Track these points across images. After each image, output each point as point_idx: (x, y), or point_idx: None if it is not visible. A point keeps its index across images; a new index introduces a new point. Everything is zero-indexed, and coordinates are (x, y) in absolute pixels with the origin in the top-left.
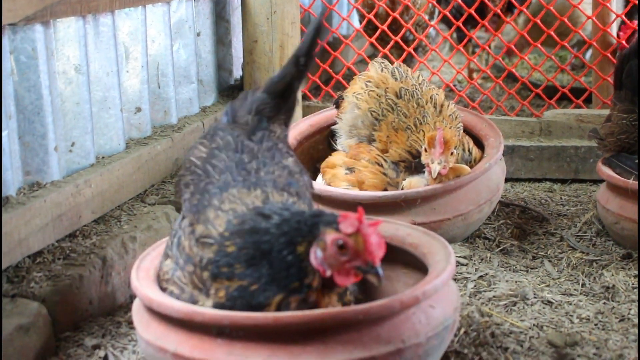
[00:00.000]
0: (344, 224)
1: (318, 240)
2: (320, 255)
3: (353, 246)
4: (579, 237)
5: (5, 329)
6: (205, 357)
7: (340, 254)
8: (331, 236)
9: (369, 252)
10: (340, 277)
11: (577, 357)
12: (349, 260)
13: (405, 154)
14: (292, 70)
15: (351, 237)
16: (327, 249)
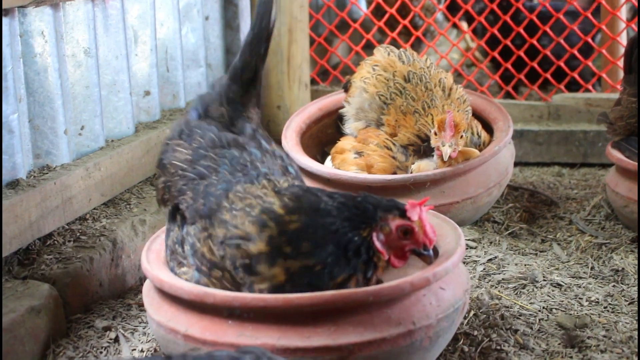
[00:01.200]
0: (411, 212)
1: (381, 225)
2: (382, 238)
3: (417, 232)
4: (588, 220)
5: (16, 311)
6: (216, 338)
7: (403, 239)
8: (396, 222)
9: (427, 236)
10: (396, 260)
11: (587, 339)
12: (409, 244)
13: (414, 137)
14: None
15: (415, 224)
16: (391, 234)
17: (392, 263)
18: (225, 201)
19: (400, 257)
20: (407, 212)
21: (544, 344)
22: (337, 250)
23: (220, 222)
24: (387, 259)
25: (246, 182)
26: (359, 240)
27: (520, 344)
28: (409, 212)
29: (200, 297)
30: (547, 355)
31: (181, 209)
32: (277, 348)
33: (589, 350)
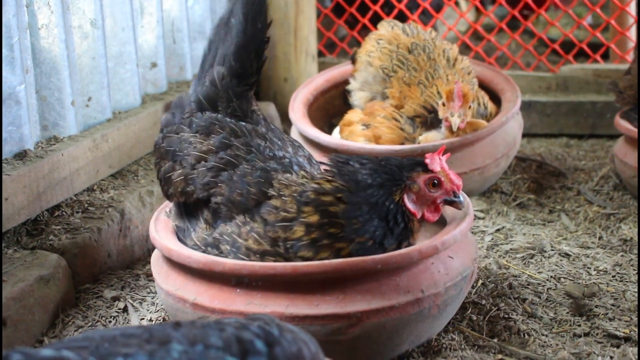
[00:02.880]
0: (432, 164)
1: (409, 184)
2: (412, 198)
3: (444, 181)
4: (596, 191)
5: (25, 280)
6: (224, 306)
7: (433, 191)
8: (422, 177)
9: (453, 183)
10: (430, 214)
11: (595, 307)
12: (440, 195)
13: (420, 109)
14: (258, 41)
15: (440, 174)
16: (420, 190)
17: (427, 219)
18: (271, 189)
19: (434, 210)
20: (428, 165)
21: (552, 313)
22: (381, 222)
23: (268, 210)
24: (422, 217)
25: (285, 172)
26: (394, 207)
27: (529, 313)
28: (431, 164)
29: (209, 265)
30: (555, 324)
31: (211, 203)
32: (286, 316)
33: (597, 319)
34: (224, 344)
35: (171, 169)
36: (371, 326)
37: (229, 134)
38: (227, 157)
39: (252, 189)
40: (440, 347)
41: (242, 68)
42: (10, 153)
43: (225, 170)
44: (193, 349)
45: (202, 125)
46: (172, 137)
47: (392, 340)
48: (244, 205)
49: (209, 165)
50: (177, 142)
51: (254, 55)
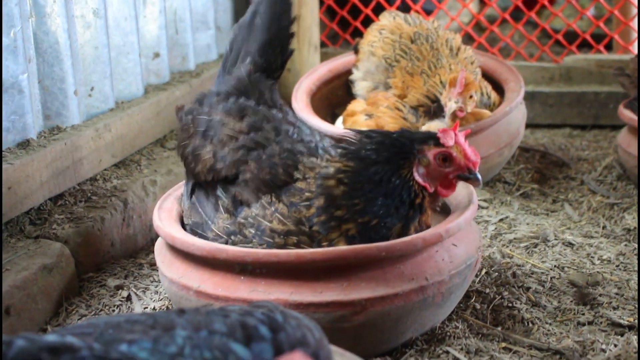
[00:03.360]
0: (444, 138)
1: (419, 158)
2: (422, 172)
3: (456, 156)
4: (599, 181)
5: (29, 269)
6: (228, 294)
7: (444, 166)
8: (433, 151)
9: (468, 159)
10: (443, 190)
11: (599, 296)
12: (452, 171)
13: (423, 98)
14: (283, 37)
15: (452, 149)
16: (430, 164)
17: (440, 193)
18: (297, 172)
19: (447, 186)
20: (440, 139)
21: (555, 302)
22: (386, 200)
23: (293, 192)
24: (434, 191)
25: (310, 155)
26: (400, 182)
27: (532, 302)
28: (442, 138)
29: (213, 253)
30: (559, 312)
31: (239, 180)
32: (290, 303)
33: (601, 307)
34: (228, 330)
35: (201, 147)
36: (375, 314)
37: (260, 118)
38: (258, 138)
39: (280, 169)
40: (444, 335)
41: (267, 63)
42: (13, 142)
43: (254, 150)
44: (197, 334)
45: (235, 109)
46: (202, 118)
47: (396, 327)
48: (271, 184)
49: (240, 144)
50: (208, 122)
51: (279, 50)
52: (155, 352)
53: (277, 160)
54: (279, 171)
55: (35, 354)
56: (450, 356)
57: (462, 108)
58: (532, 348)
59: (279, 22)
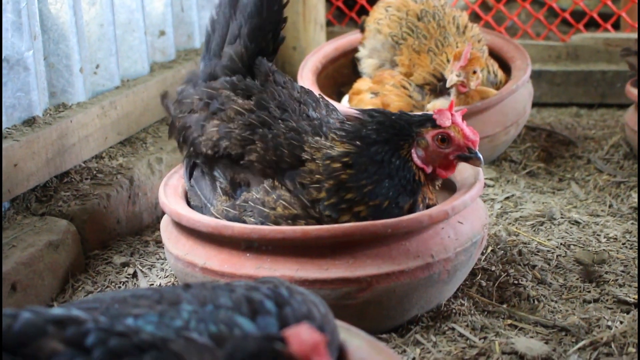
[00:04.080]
0: (441, 119)
1: (417, 140)
2: (421, 154)
3: (454, 136)
4: (606, 159)
5: (35, 245)
6: (234, 271)
7: (443, 147)
8: (431, 133)
9: (467, 138)
10: (442, 170)
11: (605, 274)
12: (451, 151)
13: (429, 77)
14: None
15: (450, 129)
16: (429, 146)
17: (439, 174)
18: (304, 153)
19: (447, 166)
20: (437, 120)
21: (561, 279)
22: (391, 181)
23: (302, 174)
24: (432, 172)
25: (315, 134)
26: (400, 162)
27: (538, 279)
28: (439, 119)
29: (219, 229)
30: (565, 290)
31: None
32: (296, 280)
33: (607, 285)
34: (233, 304)
35: (206, 119)
36: (381, 291)
37: (268, 97)
38: (264, 116)
39: (285, 150)
40: (449, 312)
41: (259, 48)
42: (18, 119)
43: (260, 129)
44: (203, 309)
45: (241, 88)
46: (210, 92)
47: (402, 305)
48: (276, 166)
49: (247, 121)
50: (214, 96)
51: (271, 36)
52: (161, 326)
53: (282, 140)
54: (285, 152)
55: (41, 326)
56: (455, 333)
57: (464, 83)
58: (538, 325)
59: (270, 6)
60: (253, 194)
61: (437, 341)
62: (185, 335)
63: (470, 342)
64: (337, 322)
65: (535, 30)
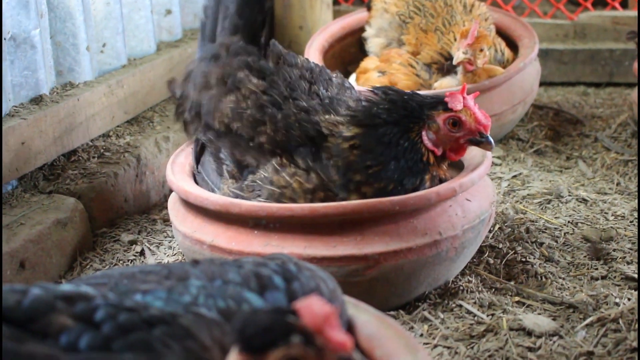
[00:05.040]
0: (452, 102)
1: (428, 123)
2: (432, 137)
3: (465, 120)
4: (613, 138)
5: (43, 223)
6: (242, 248)
7: (454, 131)
8: (442, 116)
9: (479, 122)
10: (453, 154)
11: (613, 251)
12: (462, 135)
13: (436, 55)
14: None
15: (461, 113)
16: (440, 129)
17: (449, 157)
18: (324, 128)
19: (457, 150)
20: (448, 103)
21: (569, 257)
22: (397, 163)
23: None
24: (442, 154)
25: (325, 112)
26: (408, 144)
27: (546, 257)
28: (451, 102)
29: (227, 207)
30: (572, 267)
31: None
32: (304, 257)
33: (615, 262)
34: (242, 280)
35: (221, 94)
36: (389, 268)
37: (279, 79)
38: (275, 97)
39: (296, 131)
40: (457, 289)
41: (248, 23)
42: (26, 98)
43: (270, 109)
44: (211, 284)
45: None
46: (227, 70)
47: (410, 282)
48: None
49: (259, 102)
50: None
51: (258, 8)
52: (169, 301)
53: (292, 121)
54: (294, 133)
55: (50, 302)
56: (463, 310)
57: (470, 60)
58: (546, 302)
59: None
60: (261, 173)
61: (445, 318)
62: (194, 310)
63: (477, 318)
64: (345, 297)
65: (542, 8)
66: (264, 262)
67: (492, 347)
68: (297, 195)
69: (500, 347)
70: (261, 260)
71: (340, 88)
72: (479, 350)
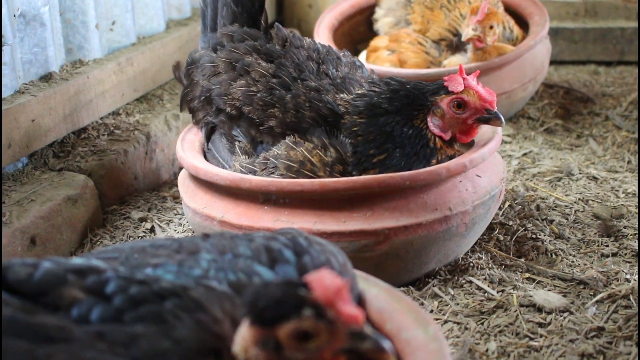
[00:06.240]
0: (452, 85)
1: (433, 109)
2: (438, 122)
3: (469, 100)
4: (624, 116)
5: (53, 200)
6: (252, 223)
7: (460, 113)
8: (445, 100)
9: (484, 100)
10: (463, 136)
11: (623, 228)
12: (469, 115)
13: (445, 32)
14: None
15: (464, 94)
16: (445, 114)
17: (460, 140)
18: (340, 106)
19: (466, 131)
20: (449, 87)
21: (579, 234)
22: (402, 151)
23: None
24: (452, 138)
25: (338, 92)
26: (413, 131)
27: (556, 234)
28: (451, 85)
29: (236, 182)
30: (583, 244)
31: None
32: (314, 232)
33: (626, 239)
34: (252, 253)
35: (231, 79)
36: (399, 243)
37: (287, 61)
38: (285, 78)
39: (307, 111)
40: (467, 266)
41: (245, 9)
42: (35, 75)
43: (278, 91)
44: (222, 258)
45: (263, 52)
46: (236, 54)
47: (420, 258)
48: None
49: (268, 85)
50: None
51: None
52: (180, 275)
53: (302, 101)
54: (305, 113)
55: (61, 275)
56: (473, 286)
57: (480, 38)
58: (556, 278)
59: None
60: (274, 150)
61: (455, 294)
62: (205, 283)
63: (488, 294)
64: (356, 272)
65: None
66: (274, 236)
67: (502, 323)
68: (318, 168)
69: (510, 322)
70: (271, 235)
71: (351, 67)
72: (489, 326)
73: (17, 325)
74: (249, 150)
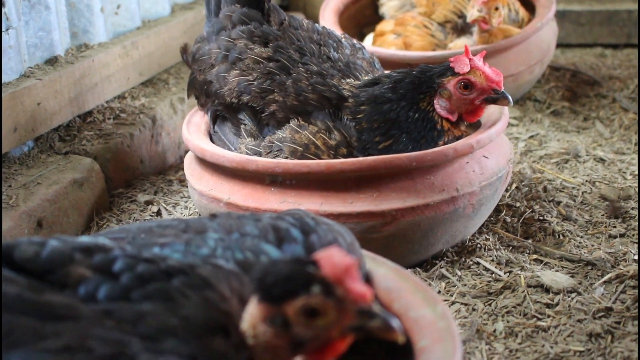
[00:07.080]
0: (458, 66)
1: (440, 91)
2: (445, 104)
3: (476, 81)
4: (631, 98)
5: (59, 183)
6: (258, 205)
7: (467, 93)
8: (452, 82)
9: (490, 80)
10: (469, 116)
11: (631, 210)
12: (476, 96)
13: (450, 14)
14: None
15: (470, 74)
16: (452, 95)
17: (466, 120)
18: (344, 90)
19: (473, 112)
20: (455, 68)
21: (587, 215)
22: (409, 135)
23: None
24: (458, 119)
25: (344, 77)
26: (419, 114)
27: (563, 215)
28: (457, 66)
29: (243, 164)
30: (590, 226)
31: (265, 114)
32: (320, 213)
33: (633, 220)
34: (260, 232)
35: (226, 70)
36: (406, 224)
37: (285, 43)
38: (284, 61)
39: (310, 94)
40: (474, 247)
41: None
42: (41, 59)
43: (278, 76)
44: (229, 237)
45: (257, 35)
46: (227, 43)
47: (427, 239)
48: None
49: (265, 70)
50: (233, 48)
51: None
52: (187, 254)
53: (304, 84)
54: (308, 96)
55: (68, 254)
56: (481, 267)
57: (485, 19)
58: (563, 259)
59: None
60: (279, 134)
61: (462, 275)
62: (212, 262)
63: (495, 275)
64: (364, 251)
65: None
66: (281, 216)
67: (509, 304)
68: (321, 151)
69: (518, 303)
70: (279, 215)
71: (352, 49)
72: (496, 306)
73: (24, 303)
74: (254, 133)
